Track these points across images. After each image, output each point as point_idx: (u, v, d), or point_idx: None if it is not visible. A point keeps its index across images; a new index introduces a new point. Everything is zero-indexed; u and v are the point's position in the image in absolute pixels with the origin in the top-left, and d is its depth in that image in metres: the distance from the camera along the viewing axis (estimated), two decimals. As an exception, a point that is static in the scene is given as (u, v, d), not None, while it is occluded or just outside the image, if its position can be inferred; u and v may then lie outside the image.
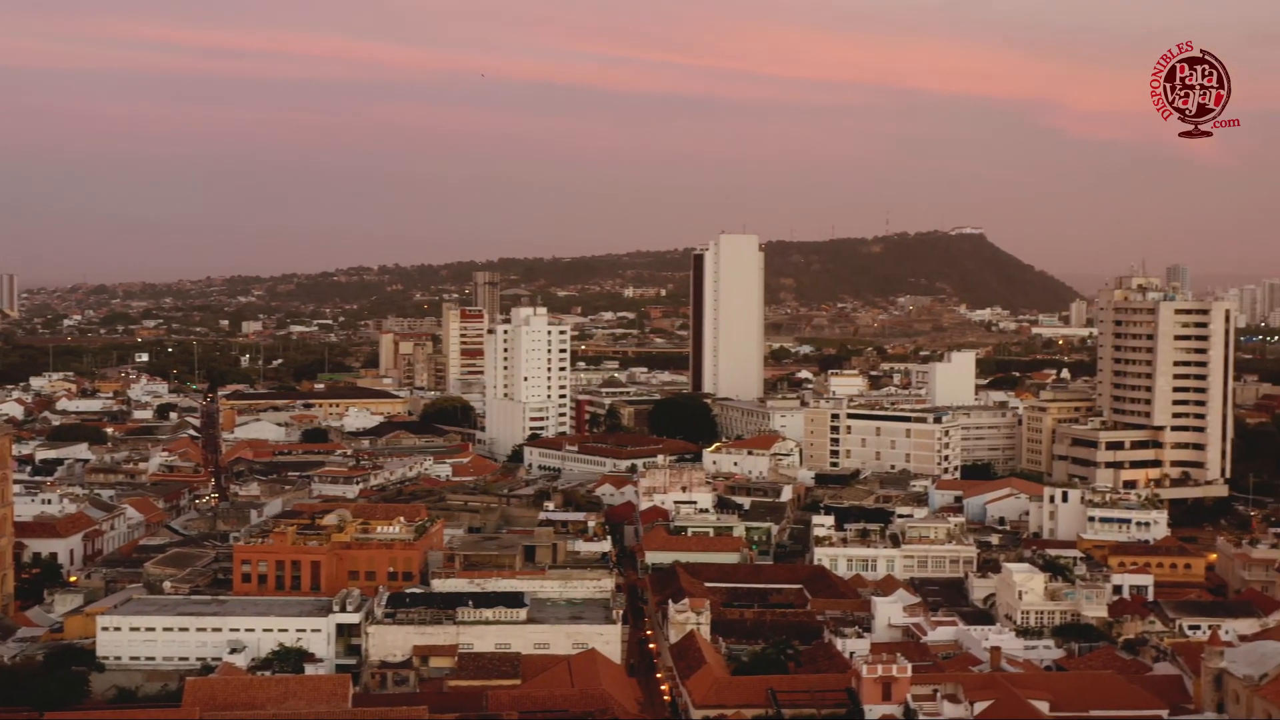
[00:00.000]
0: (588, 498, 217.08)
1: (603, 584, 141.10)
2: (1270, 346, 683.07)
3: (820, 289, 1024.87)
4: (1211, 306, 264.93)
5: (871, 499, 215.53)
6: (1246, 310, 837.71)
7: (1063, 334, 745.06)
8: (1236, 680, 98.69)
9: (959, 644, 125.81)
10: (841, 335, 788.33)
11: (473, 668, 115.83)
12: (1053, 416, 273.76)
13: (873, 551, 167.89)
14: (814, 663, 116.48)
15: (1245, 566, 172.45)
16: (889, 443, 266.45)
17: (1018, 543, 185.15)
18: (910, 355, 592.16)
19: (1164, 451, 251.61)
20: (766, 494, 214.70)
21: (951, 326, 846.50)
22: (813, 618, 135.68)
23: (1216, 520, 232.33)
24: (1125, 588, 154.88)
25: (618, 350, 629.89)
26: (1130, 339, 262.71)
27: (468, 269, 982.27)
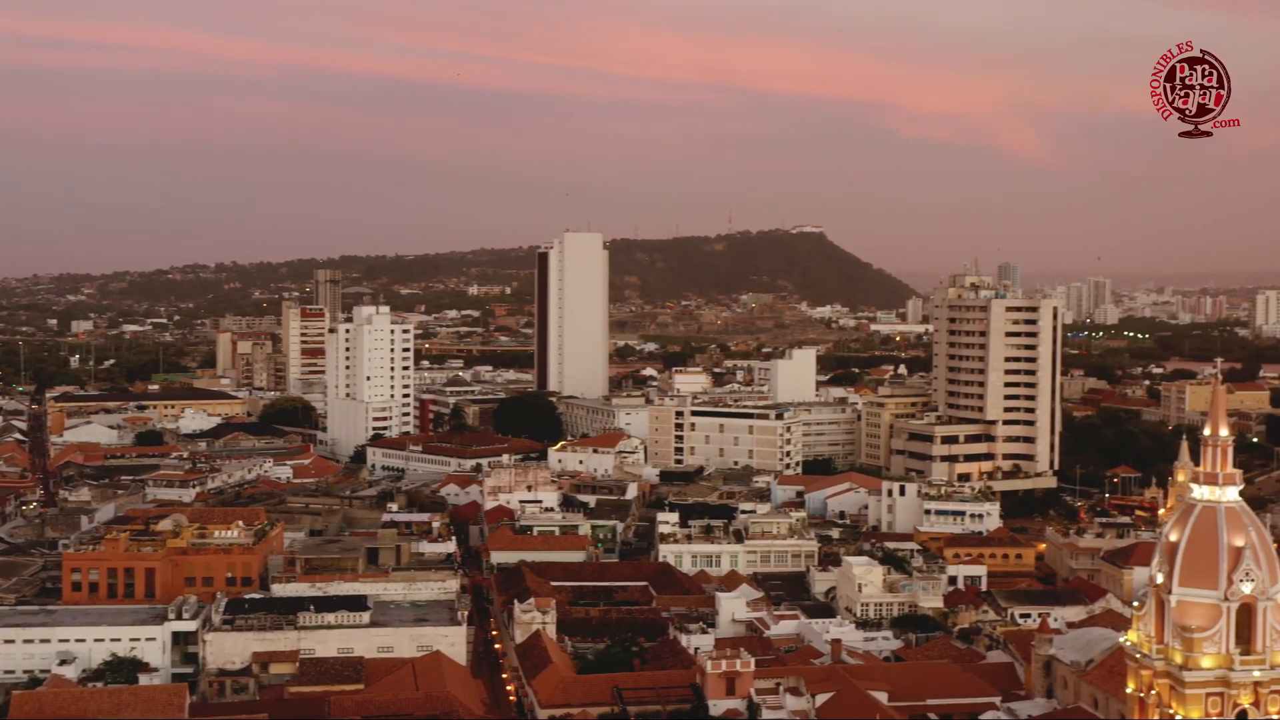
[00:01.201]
0: (432, 498, 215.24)
1: (447, 585, 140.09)
2: (1096, 342, 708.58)
3: (664, 287, 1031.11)
4: (1040, 304, 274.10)
5: (715, 495, 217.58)
6: (1073, 307, 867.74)
7: (900, 331, 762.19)
8: (1065, 666, 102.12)
9: (801, 637, 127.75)
10: (685, 333, 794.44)
11: (314, 673, 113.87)
12: (890, 412, 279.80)
13: (717, 547, 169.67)
14: (659, 659, 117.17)
15: (1073, 556, 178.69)
16: (732, 439, 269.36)
17: (857, 536, 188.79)
18: (753, 352, 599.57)
19: (996, 445, 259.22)
20: (612, 492, 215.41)
21: (793, 324, 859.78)
22: (658, 615, 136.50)
23: (1046, 511, 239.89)
24: (960, 578, 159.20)
25: (462, 349, 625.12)
26: (964, 336, 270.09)
27: (308, 267, 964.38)
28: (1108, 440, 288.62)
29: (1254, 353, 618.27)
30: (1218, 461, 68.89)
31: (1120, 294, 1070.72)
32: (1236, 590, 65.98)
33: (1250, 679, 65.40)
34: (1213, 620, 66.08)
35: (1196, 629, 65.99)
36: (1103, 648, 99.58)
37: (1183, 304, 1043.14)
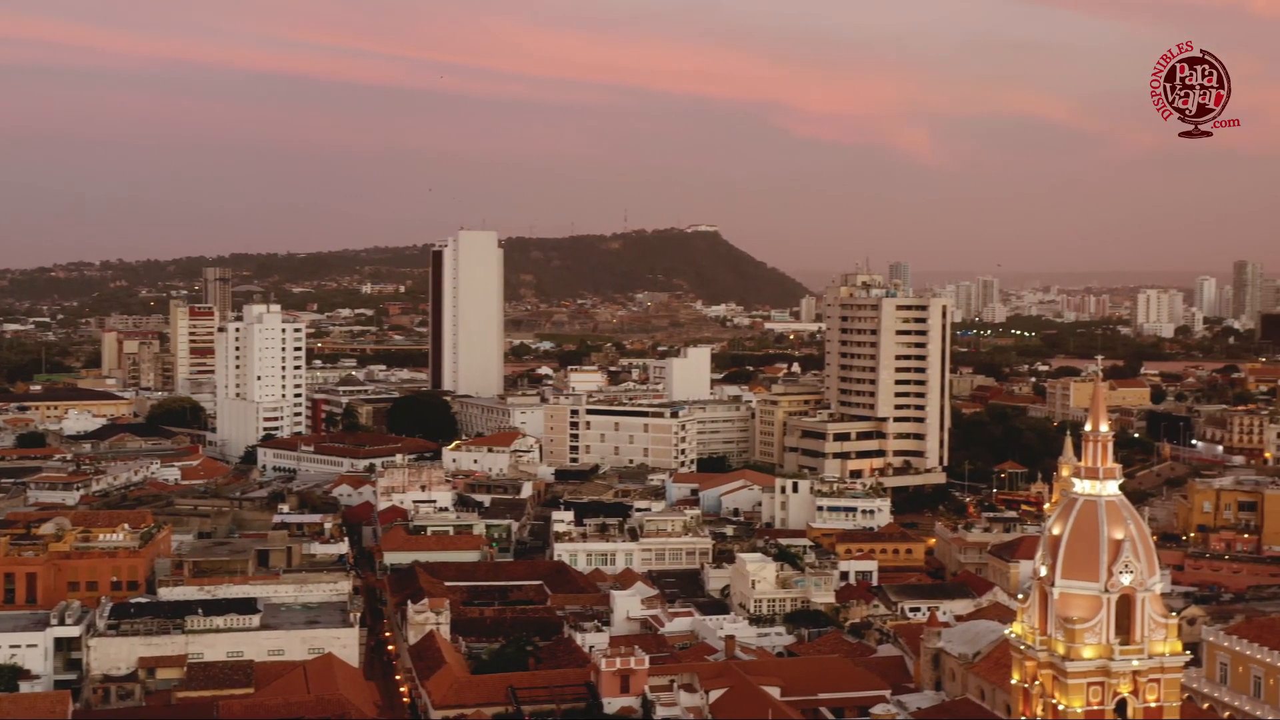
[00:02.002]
0: (324, 499, 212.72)
1: (339, 587, 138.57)
2: (984, 340, 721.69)
3: (560, 285, 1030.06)
4: (930, 303, 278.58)
5: (610, 494, 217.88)
6: (962, 306, 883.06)
7: (794, 329, 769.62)
8: (953, 659, 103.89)
9: (695, 634, 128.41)
10: (581, 331, 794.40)
11: (203, 678, 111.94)
12: (784, 410, 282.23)
13: (612, 546, 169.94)
14: (554, 658, 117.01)
15: (961, 550, 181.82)
16: (627, 437, 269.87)
17: (751, 533, 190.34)
18: (648, 351, 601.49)
19: (887, 442, 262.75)
20: (507, 491, 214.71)
21: (688, 322, 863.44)
22: (553, 613, 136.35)
23: (935, 506, 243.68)
24: (852, 574, 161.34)
25: (355, 348, 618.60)
26: (855, 334, 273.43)
27: (197, 265, 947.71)
28: (995, 436, 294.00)
29: (1135, 350, 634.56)
30: (1098, 457, 70.45)
31: (1008, 293, 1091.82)
32: (1116, 582, 67.55)
33: (1129, 668, 67.02)
34: (1093, 611, 67.57)
35: (1078, 620, 67.46)
36: (989, 640, 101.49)
37: (1068, 303, 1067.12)
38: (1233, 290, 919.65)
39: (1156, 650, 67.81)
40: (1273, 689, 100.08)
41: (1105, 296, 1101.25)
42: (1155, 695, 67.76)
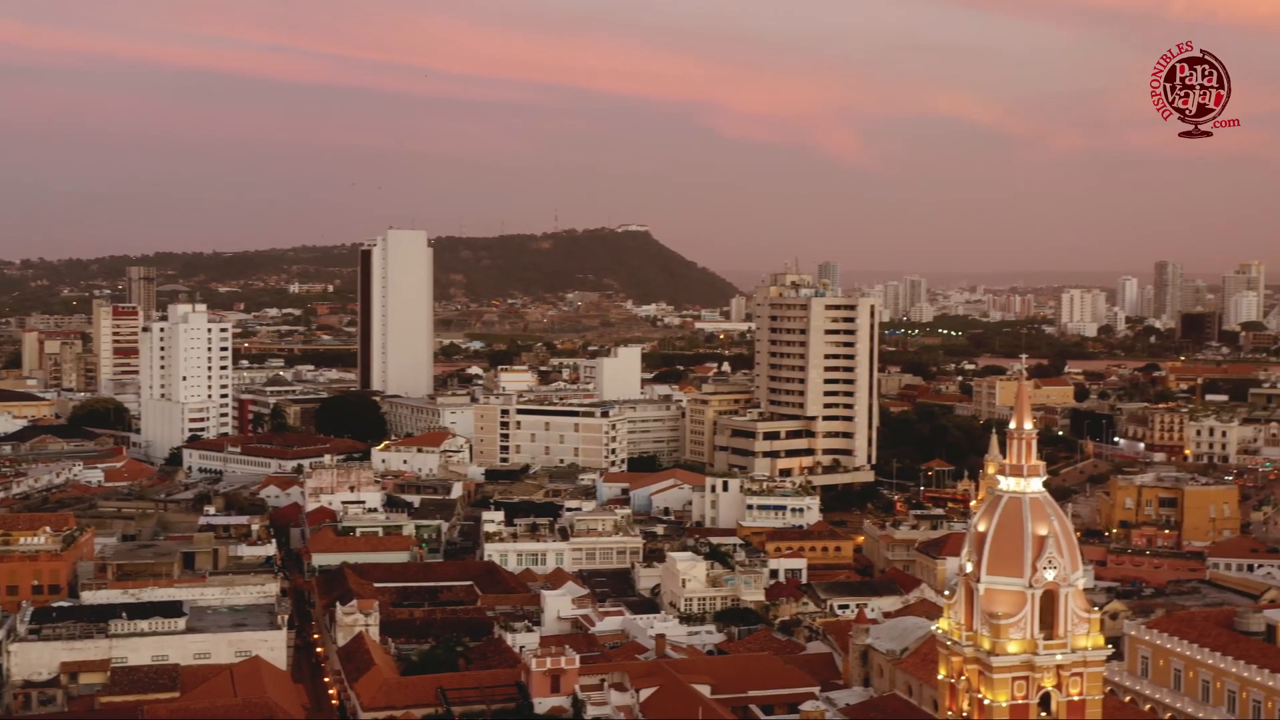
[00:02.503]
0: (251, 500, 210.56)
1: (267, 589, 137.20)
2: (912, 340, 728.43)
3: (490, 285, 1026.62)
4: (859, 302, 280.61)
5: (541, 493, 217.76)
6: (890, 305, 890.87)
7: (724, 329, 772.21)
8: (880, 655, 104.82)
9: (626, 633, 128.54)
10: (511, 331, 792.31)
11: (127, 682, 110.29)
12: (714, 409, 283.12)
13: (542, 545, 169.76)
14: (484, 659, 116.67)
15: (889, 547, 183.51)
16: (558, 437, 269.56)
17: (682, 532, 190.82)
18: (579, 350, 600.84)
19: (816, 440, 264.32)
20: (436, 491, 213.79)
21: (618, 322, 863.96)
22: (483, 614, 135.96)
23: (864, 504, 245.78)
24: (781, 572, 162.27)
25: (283, 348, 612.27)
26: (785, 334, 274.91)
27: (121, 264, 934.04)
28: (923, 435, 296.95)
29: (1059, 349, 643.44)
30: (1023, 454, 71.36)
31: (935, 292, 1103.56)
32: (1040, 577, 68.42)
33: (1053, 663, 67.96)
34: (1018, 607, 68.44)
35: (1003, 616, 68.28)
36: (916, 636, 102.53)
37: (994, 302, 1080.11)
38: (1154, 290, 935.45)
39: (1079, 644, 68.81)
40: (1192, 681, 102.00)
41: (1030, 296, 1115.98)
42: (1078, 689, 68.76)
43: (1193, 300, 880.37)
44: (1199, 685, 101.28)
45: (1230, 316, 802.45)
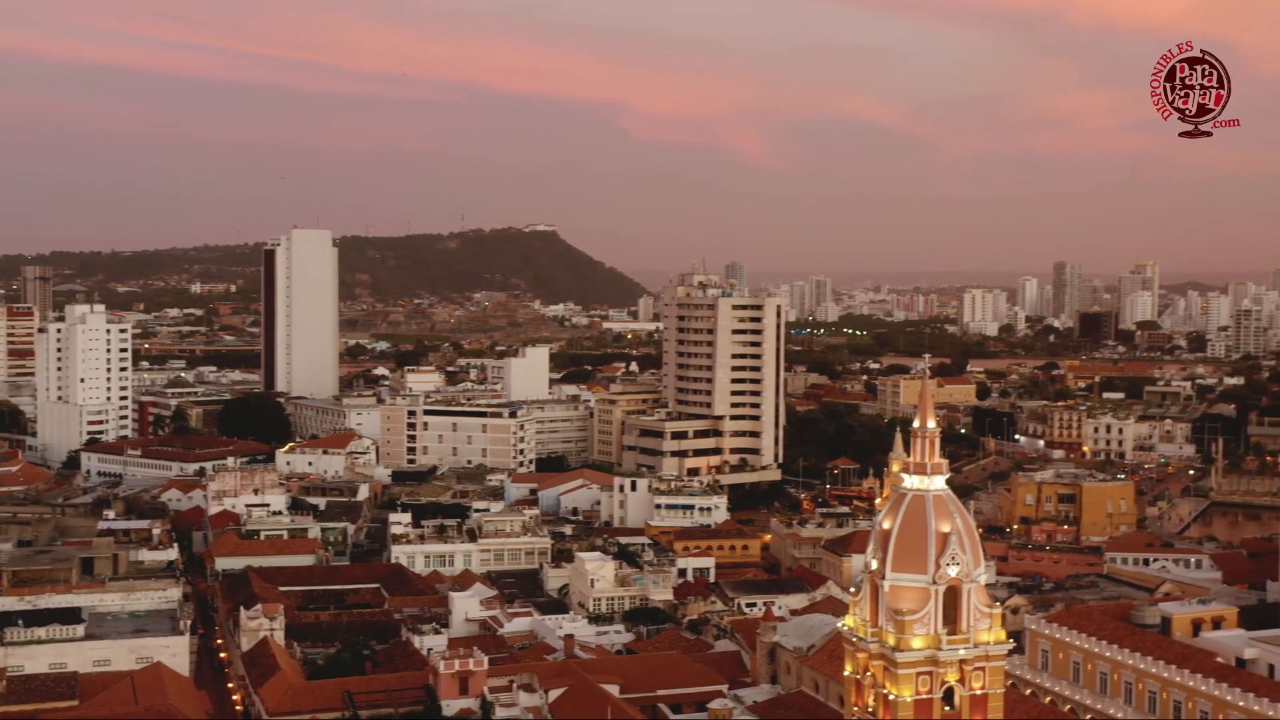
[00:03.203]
0: (152, 504, 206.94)
1: (169, 594, 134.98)
2: (817, 339, 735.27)
3: (397, 285, 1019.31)
4: (765, 302, 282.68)
5: (449, 495, 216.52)
6: (796, 305, 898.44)
7: (631, 329, 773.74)
8: (788, 652, 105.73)
9: (535, 634, 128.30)
10: (418, 331, 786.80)
11: (23, 691, 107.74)
12: (622, 409, 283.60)
13: (450, 547, 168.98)
14: (392, 661, 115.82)
15: (796, 545, 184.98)
16: (466, 438, 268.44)
17: (590, 532, 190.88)
18: (486, 351, 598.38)
19: (724, 440, 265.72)
20: (343, 493, 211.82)
21: (526, 322, 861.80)
22: (390, 616, 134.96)
23: (771, 503, 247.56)
24: (689, 571, 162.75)
25: (184, 349, 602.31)
26: (692, 333, 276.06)
27: (15, 263, 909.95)
28: (828, 433, 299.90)
29: (962, 348, 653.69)
30: (926, 452, 72.36)
31: (840, 292, 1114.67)
32: (944, 574, 69.42)
33: (956, 657, 68.99)
34: (922, 603, 69.38)
35: (908, 612, 69.17)
36: (823, 633, 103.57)
37: (898, 302, 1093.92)
38: (1053, 290, 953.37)
39: (982, 639, 69.94)
40: (1090, 674, 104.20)
41: (933, 296, 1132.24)
42: (980, 683, 69.89)
43: (1090, 300, 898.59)
44: (1097, 677, 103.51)
45: (1126, 316, 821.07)
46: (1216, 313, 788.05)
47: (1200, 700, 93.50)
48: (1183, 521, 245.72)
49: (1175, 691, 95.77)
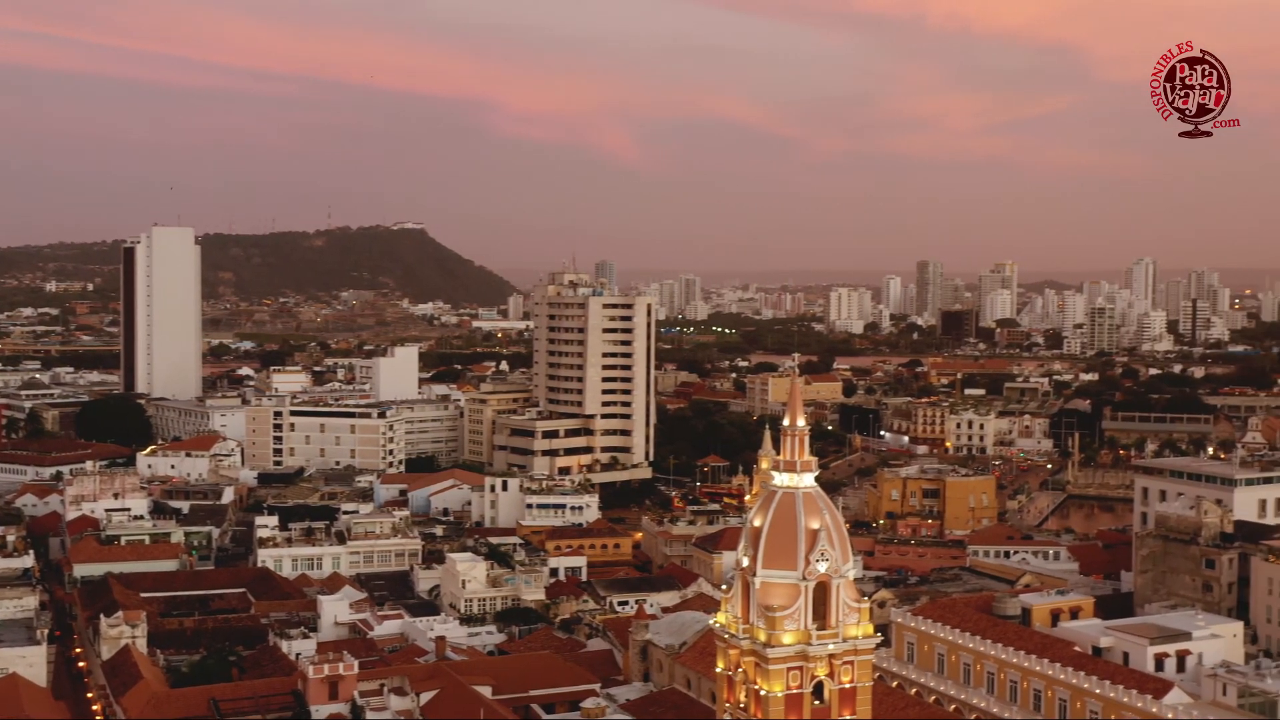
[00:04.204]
0: (6, 510, 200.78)
1: (25, 602, 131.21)
2: (687, 337, 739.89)
3: (261, 283, 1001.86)
4: (635, 301, 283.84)
5: (317, 496, 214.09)
6: (666, 303, 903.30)
7: (502, 327, 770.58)
8: (660, 650, 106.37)
9: (405, 636, 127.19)
10: (284, 330, 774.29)
11: None
12: (493, 408, 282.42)
13: (318, 550, 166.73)
14: (259, 667, 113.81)
15: (667, 543, 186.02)
16: (334, 439, 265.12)
17: (461, 533, 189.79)
18: (354, 350, 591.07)
19: (595, 438, 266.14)
20: (207, 496, 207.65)
21: (395, 321, 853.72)
22: (257, 621, 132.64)
23: (642, 501, 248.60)
24: (561, 570, 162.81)
25: (39, 349, 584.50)
26: (563, 332, 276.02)
27: None
28: (698, 431, 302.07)
29: (828, 346, 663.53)
30: (795, 450, 73.28)
31: (709, 291, 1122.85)
32: (813, 570, 70.40)
33: (826, 652, 70.03)
34: (793, 599, 70.26)
35: (778, 608, 70.00)
36: (695, 630, 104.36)
37: (765, 300, 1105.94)
38: (916, 289, 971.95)
39: (850, 634, 71.10)
40: (954, 665, 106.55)
41: (800, 295, 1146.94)
42: (849, 676, 71.06)
43: (952, 298, 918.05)
44: (961, 668, 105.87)
45: (986, 313, 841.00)
46: (1072, 311, 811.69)
47: (1059, 689, 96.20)
48: (1041, 514, 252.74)
49: (1035, 680, 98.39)
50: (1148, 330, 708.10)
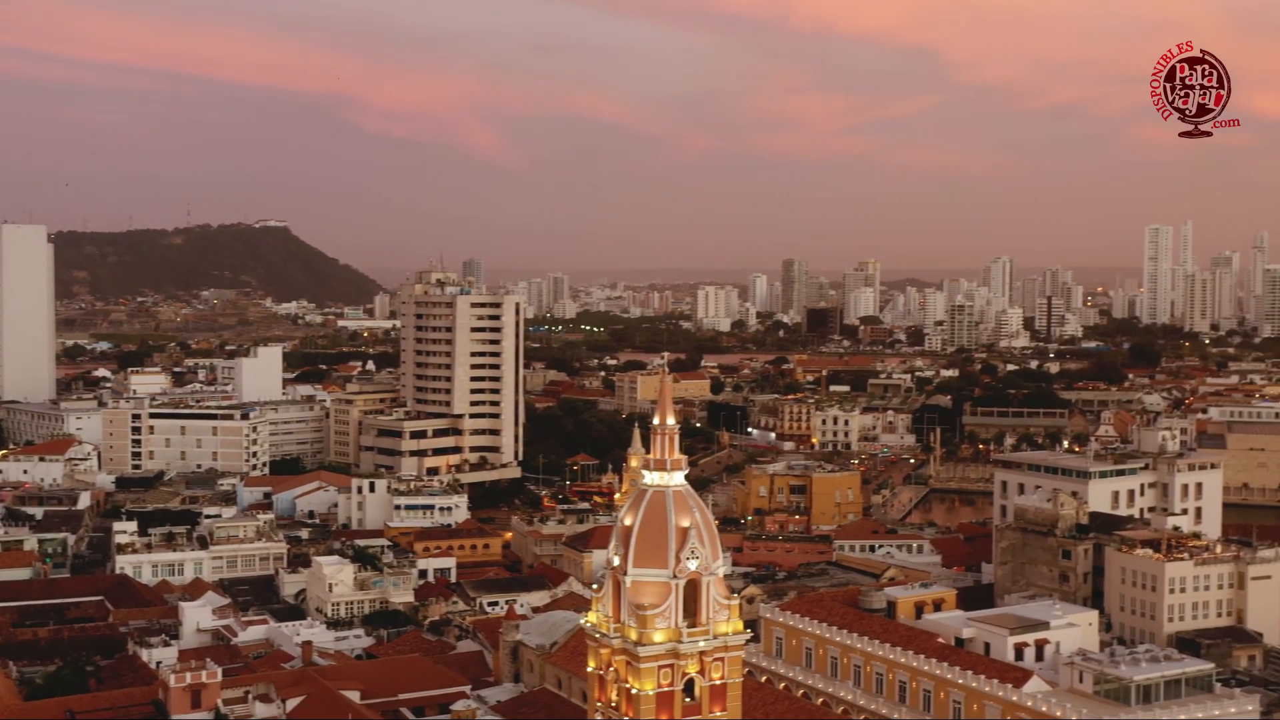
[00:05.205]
0: None
1: None
2: (555, 336, 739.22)
3: (118, 282, 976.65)
4: (504, 300, 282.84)
5: (177, 501, 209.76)
6: (534, 302, 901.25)
7: (368, 327, 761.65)
8: (530, 650, 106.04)
9: (271, 642, 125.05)
10: (142, 331, 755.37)
11: None
12: (359, 409, 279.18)
13: (179, 555, 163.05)
14: (118, 677, 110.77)
15: (537, 543, 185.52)
16: (195, 441, 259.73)
17: (328, 535, 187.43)
18: (216, 350, 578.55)
19: (464, 438, 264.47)
20: (61, 502, 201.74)
21: (258, 320, 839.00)
22: (116, 630, 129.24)
23: (511, 500, 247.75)
24: (430, 571, 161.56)
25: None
26: (431, 331, 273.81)
27: None
28: (568, 430, 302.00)
29: (696, 344, 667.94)
30: (665, 448, 73.47)
31: (577, 289, 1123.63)
32: (684, 568, 70.68)
33: (696, 649, 70.35)
34: (663, 597, 70.46)
35: (649, 606, 70.15)
36: (565, 630, 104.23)
37: (634, 299, 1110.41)
38: (782, 287, 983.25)
39: (720, 630, 71.51)
40: (822, 658, 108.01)
41: (668, 293, 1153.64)
42: (720, 673, 71.48)
43: (817, 296, 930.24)
44: (828, 662, 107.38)
45: (850, 311, 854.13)
46: (933, 308, 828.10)
47: (923, 680, 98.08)
48: (905, 509, 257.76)
49: (900, 672, 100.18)
50: (1005, 327, 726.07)
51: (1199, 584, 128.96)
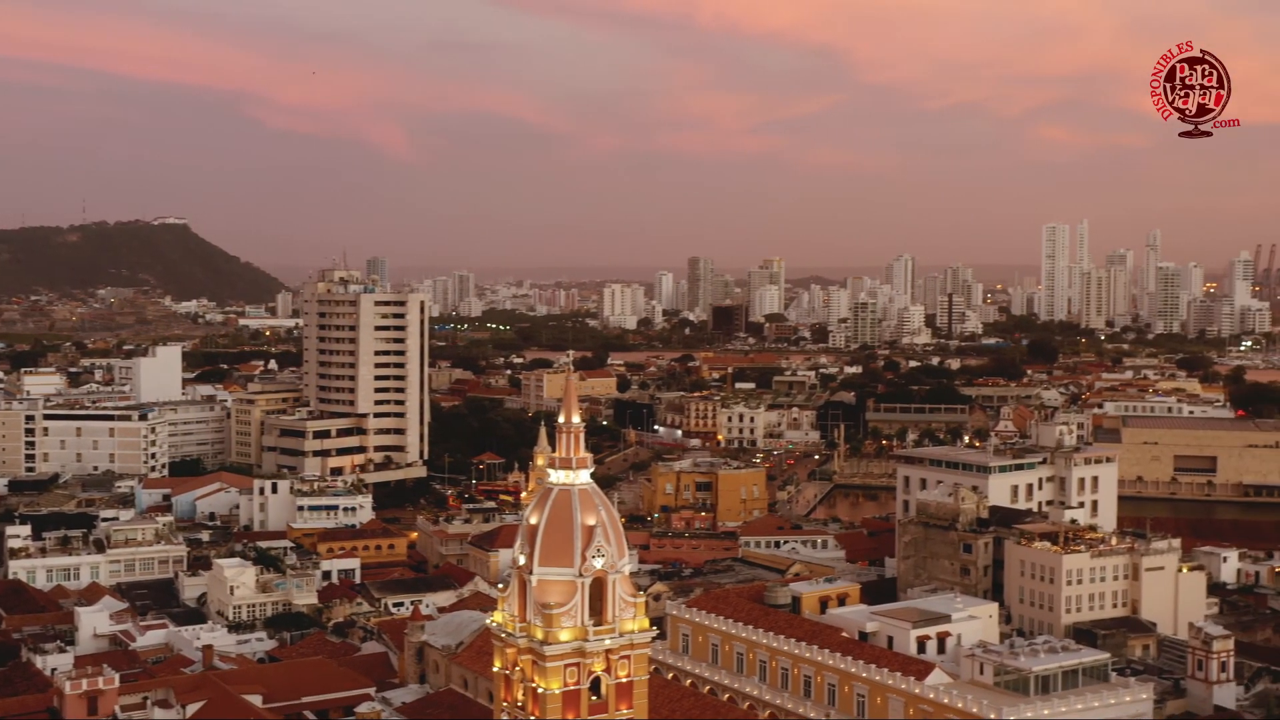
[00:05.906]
0: None
1: None
2: (461, 334, 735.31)
3: (10, 280, 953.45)
4: (409, 298, 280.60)
5: (73, 504, 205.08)
6: (440, 300, 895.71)
7: (270, 326, 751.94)
8: (436, 651, 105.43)
9: (171, 646, 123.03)
10: (36, 330, 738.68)
11: None
12: (261, 408, 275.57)
13: (75, 559, 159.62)
14: (11, 685, 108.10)
15: (443, 542, 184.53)
16: (91, 443, 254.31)
17: (229, 537, 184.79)
18: (113, 350, 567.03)
19: (368, 438, 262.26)
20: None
21: (156, 319, 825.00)
22: (8, 636, 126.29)
23: (417, 500, 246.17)
24: (334, 573, 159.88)
25: None
26: (334, 330, 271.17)
27: None
28: (474, 428, 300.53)
29: (603, 342, 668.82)
30: (571, 446, 73.40)
31: (483, 287, 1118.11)
32: (590, 566, 70.69)
33: (603, 647, 70.41)
34: (569, 596, 70.41)
35: (555, 605, 70.06)
36: (471, 630, 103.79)
37: (539, 297, 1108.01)
38: (688, 285, 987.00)
39: (627, 628, 71.62)
40: (728, 654, 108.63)
41: (574, 291, 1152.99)
42: (626, 670, 71.58)
43: (722, 294, 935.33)
44: (734, 657, 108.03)
45: (756, 308, 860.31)
46: (837, 305, 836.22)
47: (828, 674, 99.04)
48: (809, 504, 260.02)
49: (805, 667, 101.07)
50: (907, 324, 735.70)
51: (1095, 576, 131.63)
